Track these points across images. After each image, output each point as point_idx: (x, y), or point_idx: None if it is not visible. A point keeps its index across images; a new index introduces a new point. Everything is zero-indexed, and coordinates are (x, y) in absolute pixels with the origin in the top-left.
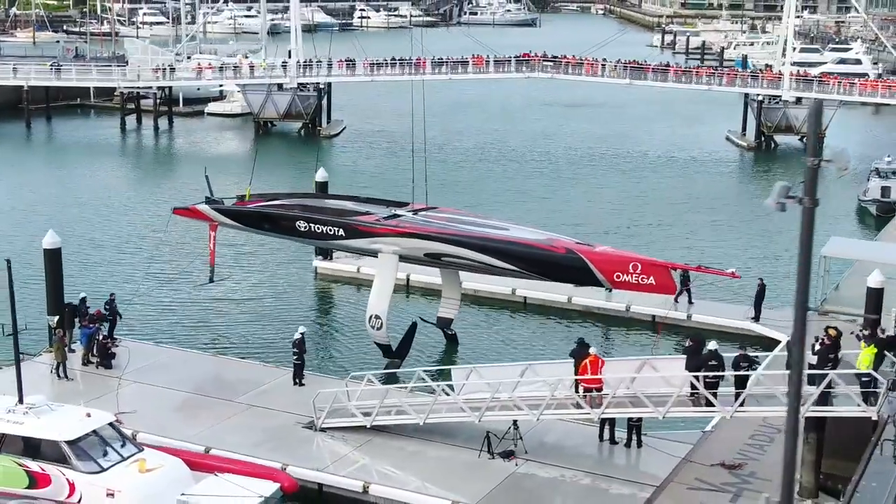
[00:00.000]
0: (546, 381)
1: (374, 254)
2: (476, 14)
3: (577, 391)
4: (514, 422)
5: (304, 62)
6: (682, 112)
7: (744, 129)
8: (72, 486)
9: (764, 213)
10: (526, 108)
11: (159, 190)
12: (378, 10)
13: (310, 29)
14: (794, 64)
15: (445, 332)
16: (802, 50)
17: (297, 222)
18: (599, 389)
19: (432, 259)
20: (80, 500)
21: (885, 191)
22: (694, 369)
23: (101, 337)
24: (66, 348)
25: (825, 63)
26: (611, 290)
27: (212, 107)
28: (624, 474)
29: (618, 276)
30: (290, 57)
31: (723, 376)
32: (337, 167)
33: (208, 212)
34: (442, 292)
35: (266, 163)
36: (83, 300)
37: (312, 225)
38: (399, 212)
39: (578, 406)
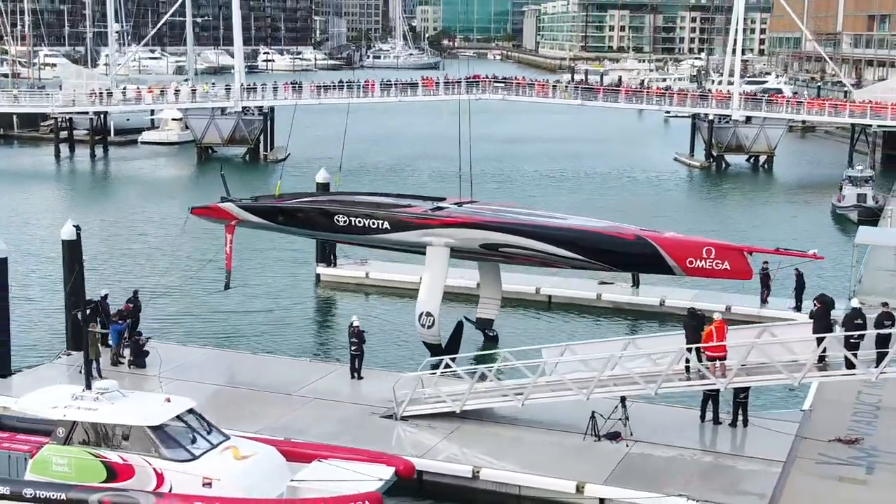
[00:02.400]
0: (650, 356)
1: (421, 248)
2: (379, 58)
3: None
4: (623, 399)
5: (248, 86)
6: (623, 139)
7: (692, 150)
8: (160, 477)
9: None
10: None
11: (119, 215)
12: (282, 54)
13: (215, 71)
14: None
15: (486, 333)
16: (720, 83)
17: (336, 216)
18: (723, 358)
19: (488, 251)
20: (169, 491)
21: (861, 197)
22: (824, 331)
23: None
24: (100, 344)
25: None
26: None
27: (146, 135)
28: (743, 451)
29: (690, 262)
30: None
31: (863, 335)
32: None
33: (234, 210)
34: (480, 292)
35: (217, 188)
36: (105, 297)
37: (353, 219)
38: (442, 204)
39: (693, 378)
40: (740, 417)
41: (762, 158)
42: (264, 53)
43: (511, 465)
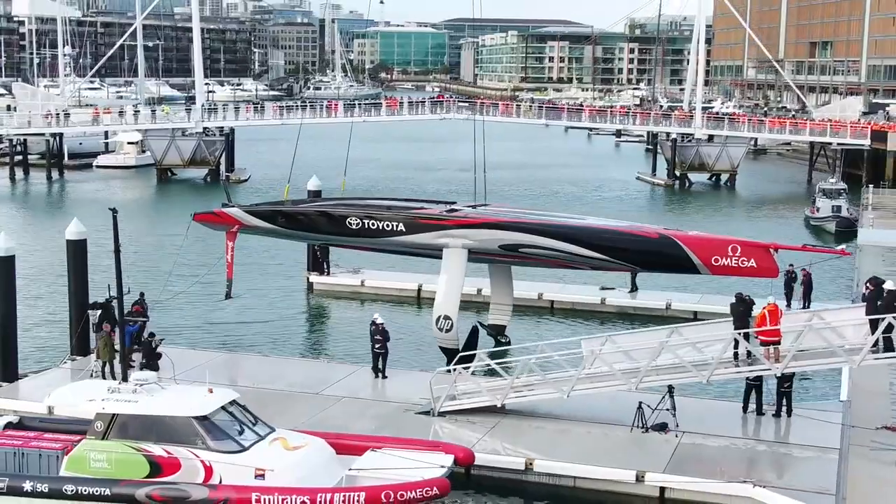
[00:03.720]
0: (694, 344)
1: (438, 250)
2: (320, 89)
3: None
4: (670, 388)
5: (210, 106)
6: (579, 164)
7: (654, 170)
8: (208, 470)
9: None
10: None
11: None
12: (223, 85)
13: (158, 101)
14: None
15: (498, 339)
16: (670, 108)
17: (349, 219)
18: (777, 343)
19: (507, 252)
20: (219, 483)
21: (836, 209)
22: (884, 311)
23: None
24: (115, 346)
25: None
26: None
27: (101, 159)
28: (795, 440)
29: (716, 260)
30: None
31: None
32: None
33: (239, 214)
34: (492, 298)
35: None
36: (109, 300)
37: (366, 221)
38: (455, 207)
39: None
40: (783, 408)
41: (724, 177)
42: (205, 84)
43: (564, 457)
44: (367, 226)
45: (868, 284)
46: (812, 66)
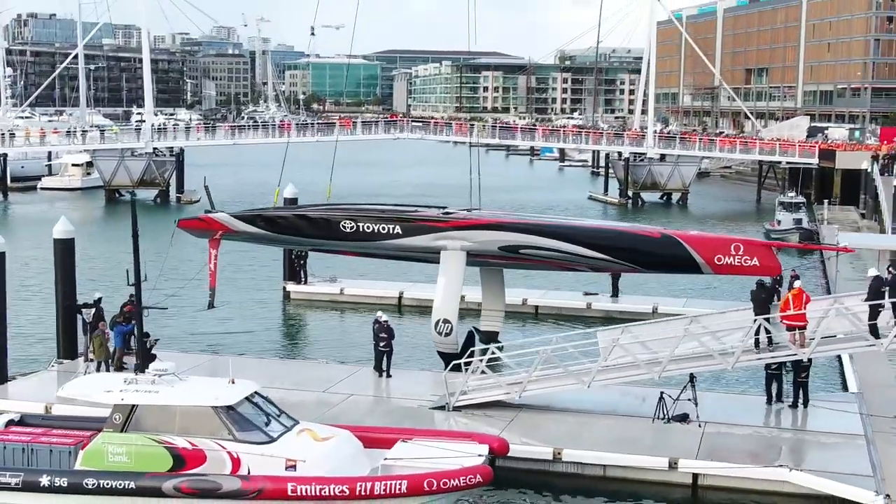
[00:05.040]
0: (713, 333)
1: (435, 252)
2: (255, 119)
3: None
4: (691, 378)
5: (160, 126)
6: (526, 187)
7: (605, 189)
8: (236, 461)
9: None
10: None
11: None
12: (156, 115)
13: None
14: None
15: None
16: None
17: (342, 223)
18: (804, 327)
19: (507, 253)
20: (247, 475)
21: (798, 221)
22: None
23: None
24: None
25: None
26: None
27: (46, 181)
28: (818, 427)
29: (719, 259)
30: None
31: None
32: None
33: (226, 219)
34: (483, 304)
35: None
36: (99, 300)
37: (361, 224)
38: (449, 210)
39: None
40: (800, 399)
41: (676, 196)
42: (137, 114)
43: (592, 447)
44: (361, 229)
45: (889, 269)
46: (748, 92)
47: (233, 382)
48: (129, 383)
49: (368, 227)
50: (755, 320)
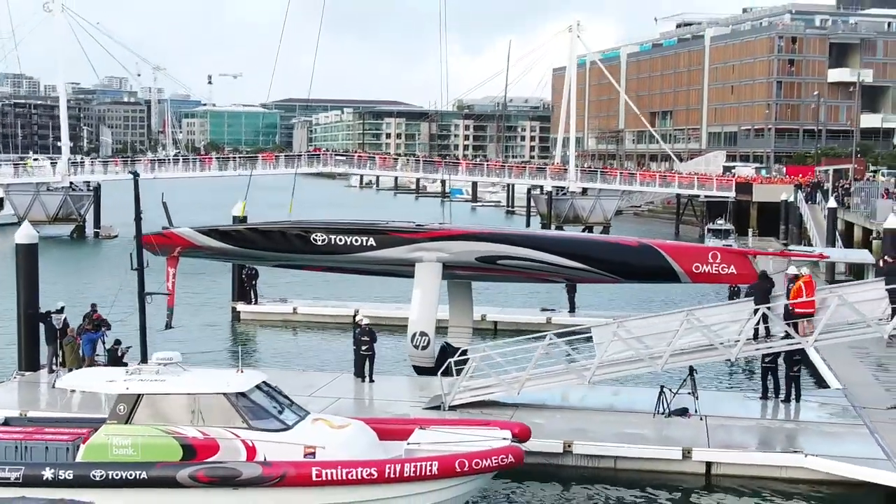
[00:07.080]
0: (709, 327)
1: (410, 265)
2: (176, 153)
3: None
4: (691, 369)
5: (76, 160)
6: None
7: (528, 224)
8: (251, 450)
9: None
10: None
11: None
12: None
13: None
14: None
15: None
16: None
17: (313, 235)
18: (812, 315)
19: (484, 264)
20: (263, 463)
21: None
22: None
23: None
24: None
25: None
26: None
27: None
28: (816, 419)
29: (697, 268)
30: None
31: None
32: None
33: (190, 234)
34: (450, 321)
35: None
36: (61, 310)
37: (333, 237)
38: (422, 224)
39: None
40: (792, 393)
41: (598, 229)
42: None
43: (604, 439)
44: (333, 241)
45: (885, 259)
46: (652, 135)
47: (241, 371)
48: (132, 374)
49: (341, 240)
50: (756, 310)
